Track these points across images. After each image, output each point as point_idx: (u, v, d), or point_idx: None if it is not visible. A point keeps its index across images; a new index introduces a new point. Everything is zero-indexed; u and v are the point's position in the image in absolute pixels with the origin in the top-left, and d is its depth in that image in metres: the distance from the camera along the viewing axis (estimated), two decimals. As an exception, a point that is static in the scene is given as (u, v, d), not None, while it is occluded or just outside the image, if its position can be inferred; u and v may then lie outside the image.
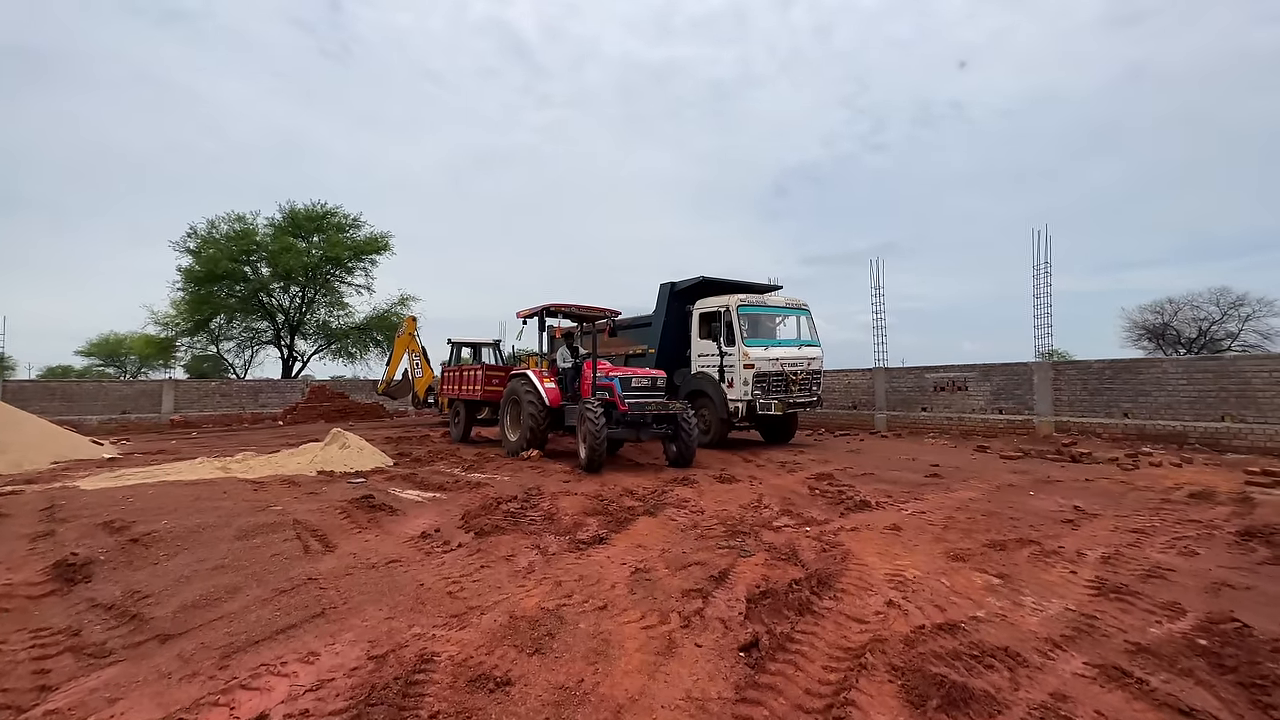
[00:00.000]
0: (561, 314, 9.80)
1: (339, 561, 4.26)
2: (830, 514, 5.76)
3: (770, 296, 11.96)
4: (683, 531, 5.08)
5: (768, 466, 8.86)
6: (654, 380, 8.84)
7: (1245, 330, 25.76)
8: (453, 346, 18.53)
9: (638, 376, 8.73)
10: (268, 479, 7.47)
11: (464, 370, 13.32)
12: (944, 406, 13.36)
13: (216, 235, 25.79)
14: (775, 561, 4.23)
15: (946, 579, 3.79)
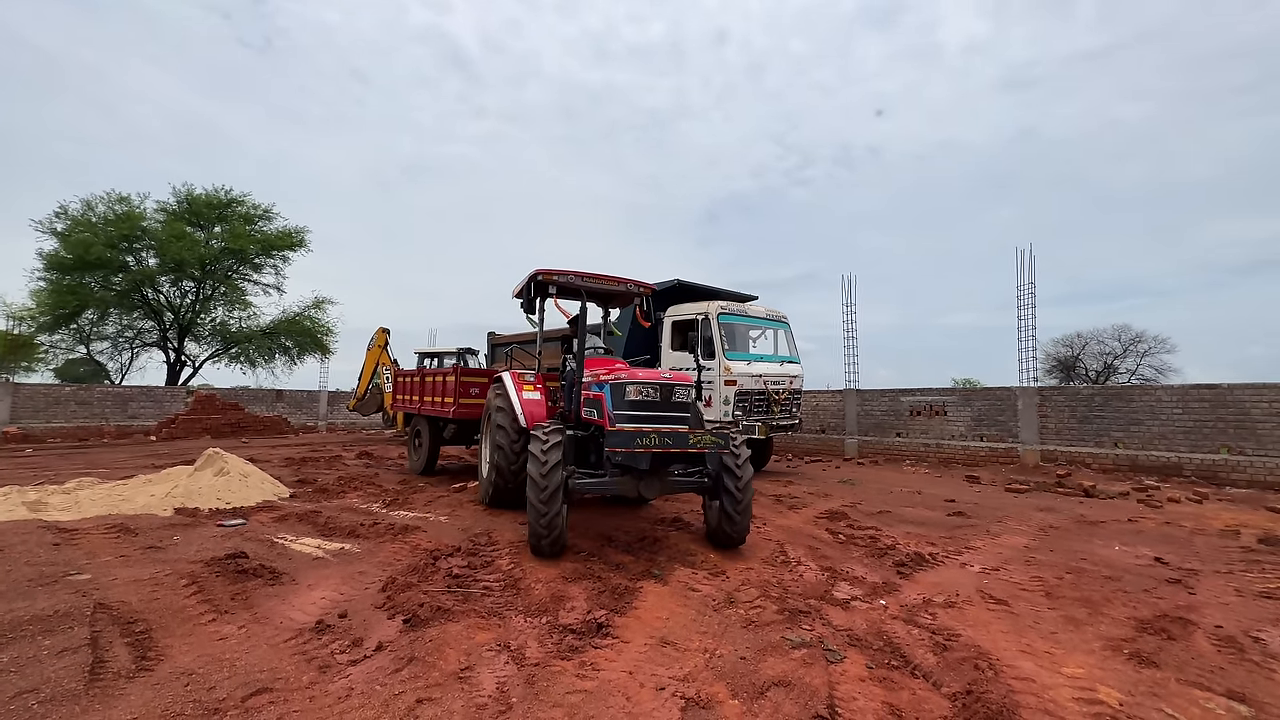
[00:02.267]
0: (557, 287, 5.99)
1: (152, 698, 2.39)
2: (885, 573, 4.40)
3: (750, 306, 10.74)
4: (716, 610, 3.53)
5: (761, 501, 7.46)
6: (670, 391, 4.79)
7: (1142, 365, 27.37)
8: (421, 359, 16.34)
9: (639, 381, 4.74)
10: (90, 523, 5.24)
11: (428, 376, 9.28)
12: (920, 432, 12.58)
13: (91, 218, 21.94)
14: (885, 673, 2.76)
15: (1167, 706, 2.45)
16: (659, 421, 4.67)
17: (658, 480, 4.70)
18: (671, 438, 4.42)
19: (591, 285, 5.99)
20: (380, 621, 3.25)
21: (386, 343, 16.39)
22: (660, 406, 4.75)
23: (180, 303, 24.32)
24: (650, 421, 4.65)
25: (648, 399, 4.72)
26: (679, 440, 4.43)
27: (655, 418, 4.70)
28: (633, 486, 4.63)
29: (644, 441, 4.36)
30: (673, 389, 4.83)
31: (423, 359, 16.57)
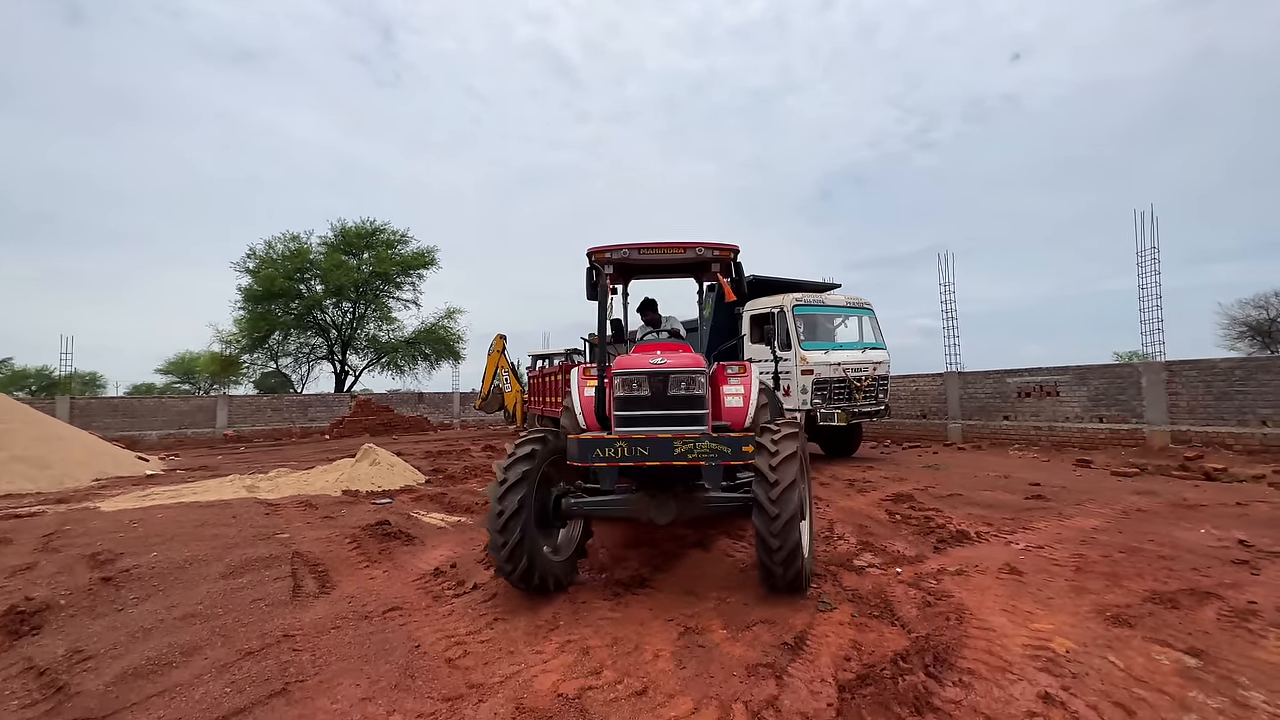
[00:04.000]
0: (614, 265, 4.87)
1: (330, 609, 3.56)
2: (922, 548, 4.72)
3: (828, 295, 10.88)
4: (741, 571, 4.16)
5: (833, 485, 7.80)
6: (662, 381, 3.88)
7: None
8: (534, 362, 18.20)
9: (624, 371, 3.94)
10: (287, 500, 6.98)
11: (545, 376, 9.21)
12: (1030, 414, 11.86)
13: (273, 255, 26.55)
14: (865, 620, 3.27)
15: (1115, 655, 2.74)
16: (653, 422, 3.77)
17: (672, 501, 3.76)
18: (648, 446, 3.48)
19: (650, 257, 4.86)
20: (479, 571, 4.29)
21: (503, 348, 18.31)
22: (652, 403, 3.80)
23: (341, 321, 28.57)
24: (642, 423, 3.78)
25: (635, 393, 3.83)
26: (659, 450, 3.47)
27: (646, 418, 3.80)
28: (645, 508, 3.75)
29: (605, 452, 3.50)
30: (667, 378, 3.79)
31: (535, 361, 18.28)
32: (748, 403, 4.70)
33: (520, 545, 3.46)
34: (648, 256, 4.83)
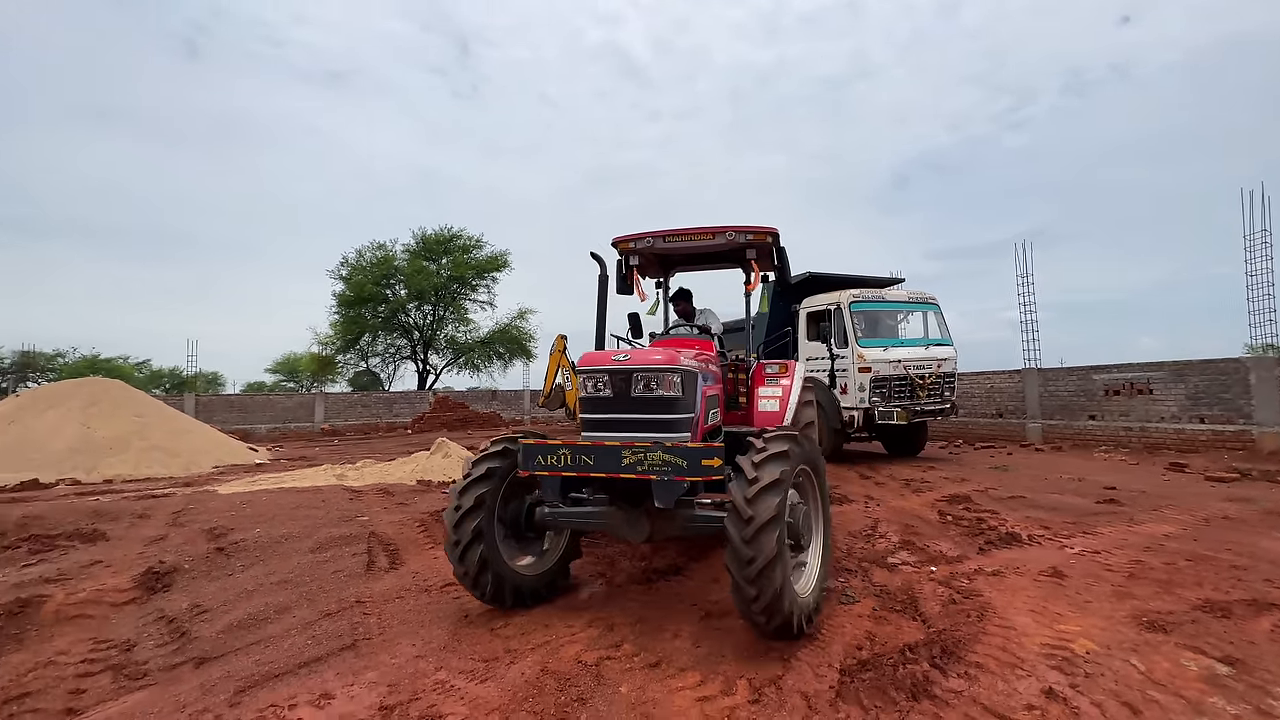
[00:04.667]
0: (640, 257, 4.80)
1: (396, 581, 4.05)
2: (965, 548, 4.67)
3: (890, 291, 10.62)
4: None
5: (889, 485, 7.68)
6: (625, 380, 3.33)
7: None
8: None
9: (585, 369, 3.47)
10: (369, 487, 7.73)
11: None
12: (1119, 414, 11.01)
13: (362, 263, 28.75)
14: (886, 613, 3.35)
15: (1139, 659, 2.70)
16: (618, 427, 3.30)
17: (645, 518, 3.21)
18: (593, 454, 2.99)
19: (678, 245, 4.51)
20: (528, 554, 4.68)
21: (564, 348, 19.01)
22: (615, 405, 3.30)
23: (423, 323, 30.49)
24: (606, 427, 3.34)
25: (597, 394, 3.34)
26: (605, 459, 2.97)
27: (610, 421, 3.34)
28: (618, 523, 3.26)
29: (548, 460, 3.09)
30: (630, 377, 3.23)
31: None
32: (784, 406, 4.41)
33: (472, 547, 3.18)
34: (674, 244, 4.54)
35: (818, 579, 3.24)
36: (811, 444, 3.38)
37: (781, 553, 2.70)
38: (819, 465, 3.41)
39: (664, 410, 3.28)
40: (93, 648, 3.10)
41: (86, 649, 3.08)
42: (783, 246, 4.56)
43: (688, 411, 3.35)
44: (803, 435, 3.23)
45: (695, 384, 3.46)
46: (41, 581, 3.94)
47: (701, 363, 3.69)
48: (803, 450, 3.16)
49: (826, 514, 3.51)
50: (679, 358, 3.33)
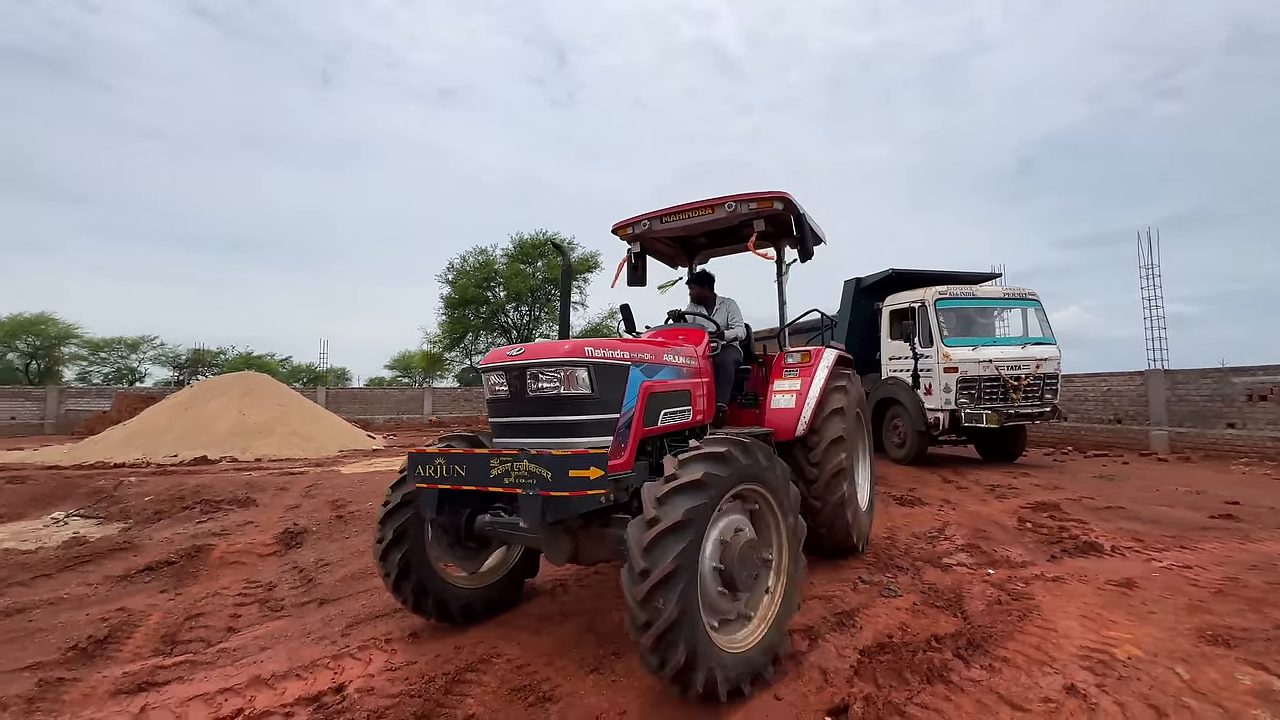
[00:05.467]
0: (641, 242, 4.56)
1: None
2: (1035, 555, 4.52)
3: (982, 288, 10.08)
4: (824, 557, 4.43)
5: (971, 489, 7.38)
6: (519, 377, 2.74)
7: None
8: None
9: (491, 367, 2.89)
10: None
11: None
12: (1267, 422, 9.69)
13: (466, 266, 31.01)
14: (926, 608, 3.42)
15: (1186, 669, 2.63)
16: (519, 431, 2.77)
17: (565, 537, 2.74)
18: (466, 464, 2.51)
19: (677, 224, 4.17)
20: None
21: None
22: (513, 406, 2.77)
23: (520, 323, 32.34)
24: (509, 432, 2.82)
25: (497, 395, 2.83)
26: (476, 470, 2.48)
27: (511, 426, 2.81)
28: (545, 540, 2.75)
29: (425, 470, 2.66)
30: (524, 375, 2.68)
31: None
32: (801, 403, 3.85)
33: (394, 547, 2.91)
34: (672, 224, 4.20)
35: (769, 627, 2.55)
36: (766, 453, 2.61)
37: (687, 614, 2.06)
38: (776, 481, 2.64)
39: (568, 411, 2.63)
40: (245, 586, 3.89)
41: (241, 586, 3.88)
42: (802, 214, 4.05)
43: (602, 412, 2.67)
44: (754, 443, 2.56)
45: (618, 379, 2.75)
46: (210, 535, 4.92)
47: (647, 353, 3.00)
48: (743, 466, 2.44)
49: (793, 545, 2.74)
50: (584, 348, 2.65)
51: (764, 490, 2.63)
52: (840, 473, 3.92)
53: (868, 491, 4.87)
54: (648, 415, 2.92)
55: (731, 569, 2.42)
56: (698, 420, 3.46)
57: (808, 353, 4.23)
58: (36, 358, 33.27)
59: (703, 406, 3.53)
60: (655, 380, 3.02)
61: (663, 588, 2.07)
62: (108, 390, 23.27)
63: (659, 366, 3.11)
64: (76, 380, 33.35)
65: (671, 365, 3.24)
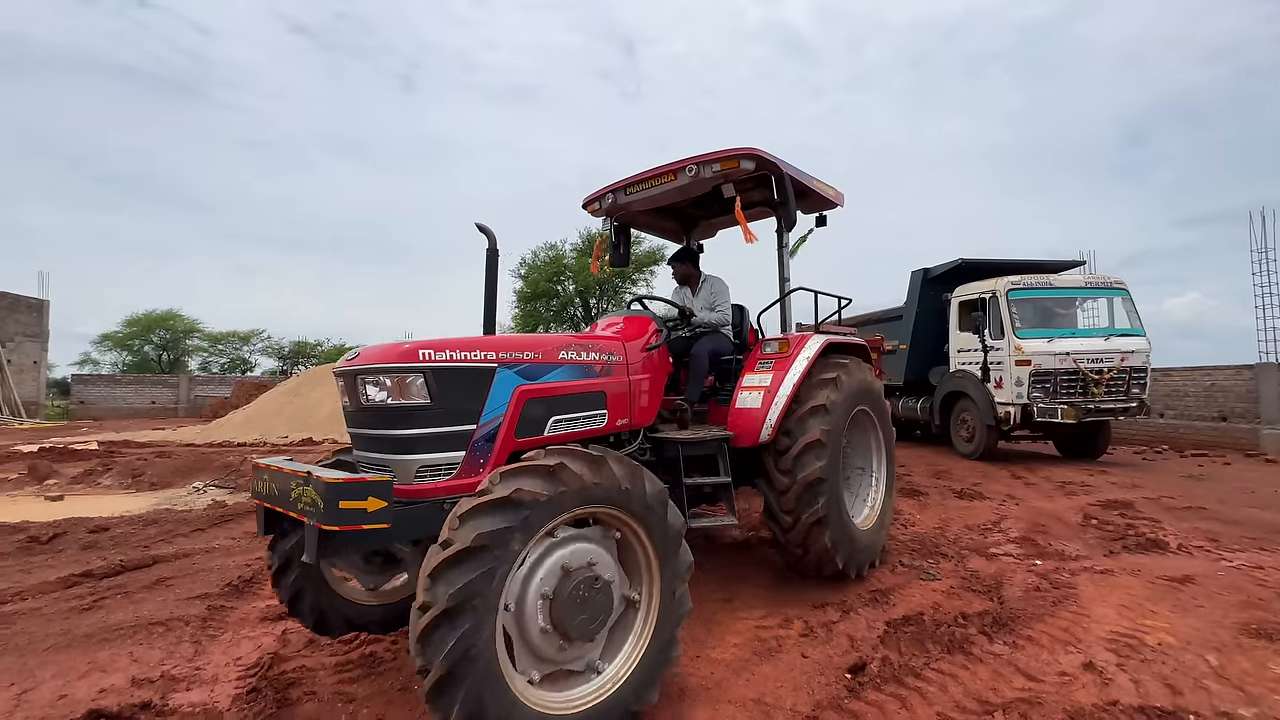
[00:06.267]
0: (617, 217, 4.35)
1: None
2: (1093, 550, 4.49)
3: (1061, 276, 9.62)
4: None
5: (1040, 486, 7.19)
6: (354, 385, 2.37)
7: None
8: None
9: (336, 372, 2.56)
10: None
11: None
12: (1402, 422, 8.69)
13: (537, 261, 32.21)
14: (962, 591, 3.57)
15: (1216, 656, 2.69)
16: (363, 445, 2.46)
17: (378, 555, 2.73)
18: (278, 482, 2.20)
19: (642, 195, 3.82)
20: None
21: None
22: (356, 417, 2.46)
23: (590, 315, 33.26)
24: (357, 445, 2.54)
25: (344, 403, 2.53)
26: (282, 490, 2.16)
27: (357, 439, 2.52)
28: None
29: (256, 485, 2.38)
30: (355, 381, 2.34)
31: None
32: (769, 403, 3.33)
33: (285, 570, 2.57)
34: (637, 195, 3.83)
35: (623, 684, 2.10)
36: (630, 471, 2.14)
37: (474, 661, 1.71)
38: (639, 505, 2.15)
39: (401, 423, 2.26)
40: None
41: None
42: (784, 173, 3.49)
43: (447, 423, 2.29)
44: (609, 458, 2.11)
45: (472, 385, 2.35)
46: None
47: (532, 351, 2.59)
48: (586, 486, 2.00)
49: (670, 583, 2.23)
50: (419, 351, 2.27)
51: (623, 516, 2.14)
52: (815, 484, 3.22)
53: (879, 501, 4.06)
54: (525, 424, 2.48)
55: (562, 611, 1.94)
56: (619, 426, 2.97)
57: (786, 340, 3.64)
58: (167, 350, 37.67)
59: (633, 409, 3.03)
60: (541, 383, 2.57)
61: (442, 626, 1.68)
62: (227, 379, 26.04)
63: (549, 367, 2.64)
64: (199, 370, 37.50)
65: (574, 364, 2.74)
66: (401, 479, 2.23)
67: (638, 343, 3.18)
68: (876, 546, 3.84)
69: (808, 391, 3.44)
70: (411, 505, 2.19)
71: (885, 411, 4.16)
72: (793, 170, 3.63)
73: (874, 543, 3.80)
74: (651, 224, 4.72)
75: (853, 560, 3.51)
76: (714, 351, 3.85)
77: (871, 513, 3.98)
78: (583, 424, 2.77)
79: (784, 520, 3.33)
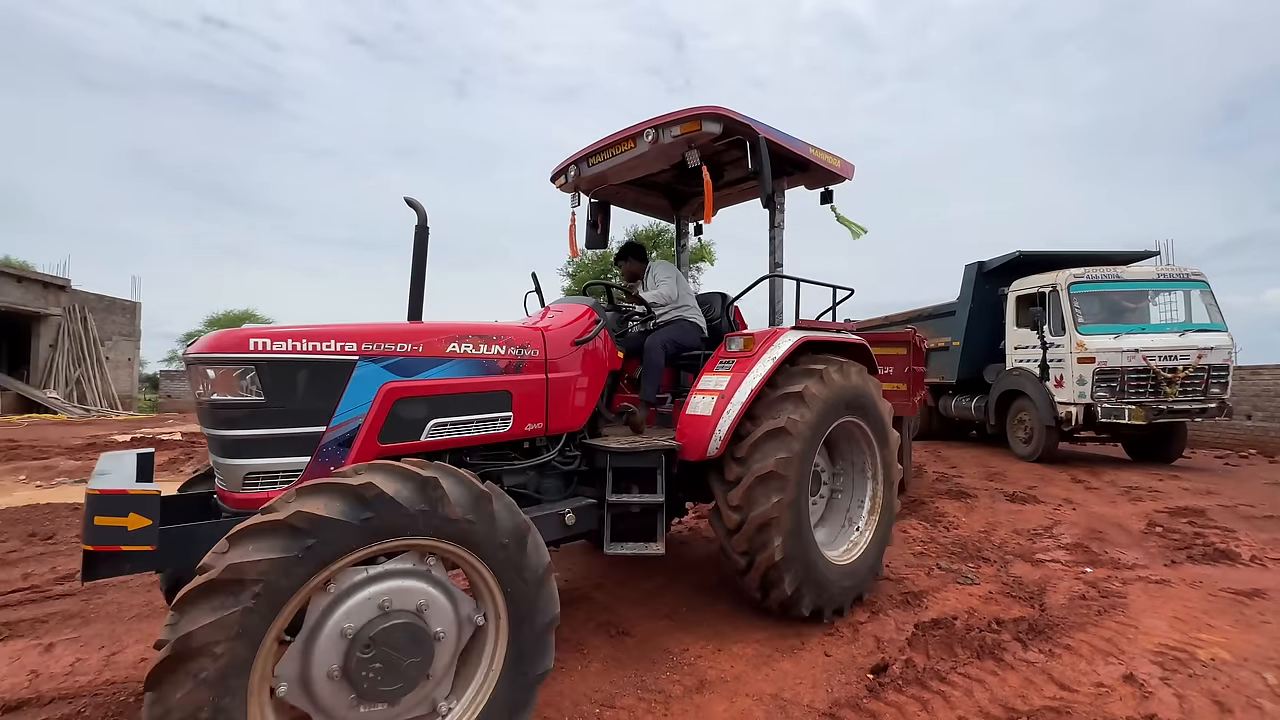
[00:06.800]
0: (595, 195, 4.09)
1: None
2: (1153, 559, 4.25)
3: (1131, 269, 9.02)
4: (908, 544, 4.51)
5: (1103, 491, 6.81)
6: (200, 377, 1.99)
7: None
8: None
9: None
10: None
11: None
12: None
13: (584, 260, 32.64)
14: (1000, 596, 3.46)
15: (1275, 675, 2.52)
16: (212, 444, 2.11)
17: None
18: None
19: (604, 166, 3.46)
20: (687, 513, 5.55)
21: None
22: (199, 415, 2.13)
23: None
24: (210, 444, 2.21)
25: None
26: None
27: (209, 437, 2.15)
28: None
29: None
30: (192, 372, 2.04)
31: None
32: (719, 412, 2.87)
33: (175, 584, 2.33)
34: (600, 166, 3.47)
35: None
36: (430, 496, 1.70)
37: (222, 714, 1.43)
38: (477, 538, 1.77)
39: (228, 424, 1.99)
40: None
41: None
42: (759, 138, 2.98)
43: (285, 424, 2.01)
44: (416, 480, 1.69)
45: (320, 380, 2.07)
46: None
47: (410, 343, 2.27)
48: (381, 516, 1.61)
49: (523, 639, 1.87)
50: (249, 339, 1.98)
51: (461, 553, 1.77)
52: (769, 525, 2.75)
53: (870, 529, 3.41)
54: (395, 427, 2.19)
55: (353, 660, 1.59)
56: (530, 431, 2.61)
57: (753, 336, 3.13)
58: (245, 346, 40.28)
59: (551, 411, 2.67)
60: (419, 380, 2.26)
61: (177, 672, 1.37)
62: (296, 374, 27.31)
63: (433, 361, 2.31)
64: (273, 365, 39.87)
65: (467, 359, 2.42)
66: (230, 486, 1.99)
67: (565, 334, 2.79)
68: (863, 581, 3.26)
69: (768, 406, 2.90)
70: (188, 527, 1.90)
71: (883, 422, 3.47)
72: (775, 134, 3.12)
73: (858, 578, 3.22)
74: (637, 201, 4.31)
75: (826, 601, 3.00)
76: (672, 343, 3.46)
77: (858, 543, 3.35)
78: (477, 428, 2.43)
79: (737, 561, 2.90)
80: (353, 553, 1.59)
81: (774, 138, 3.10)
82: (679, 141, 3.06)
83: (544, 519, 2.48)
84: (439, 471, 1.76)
